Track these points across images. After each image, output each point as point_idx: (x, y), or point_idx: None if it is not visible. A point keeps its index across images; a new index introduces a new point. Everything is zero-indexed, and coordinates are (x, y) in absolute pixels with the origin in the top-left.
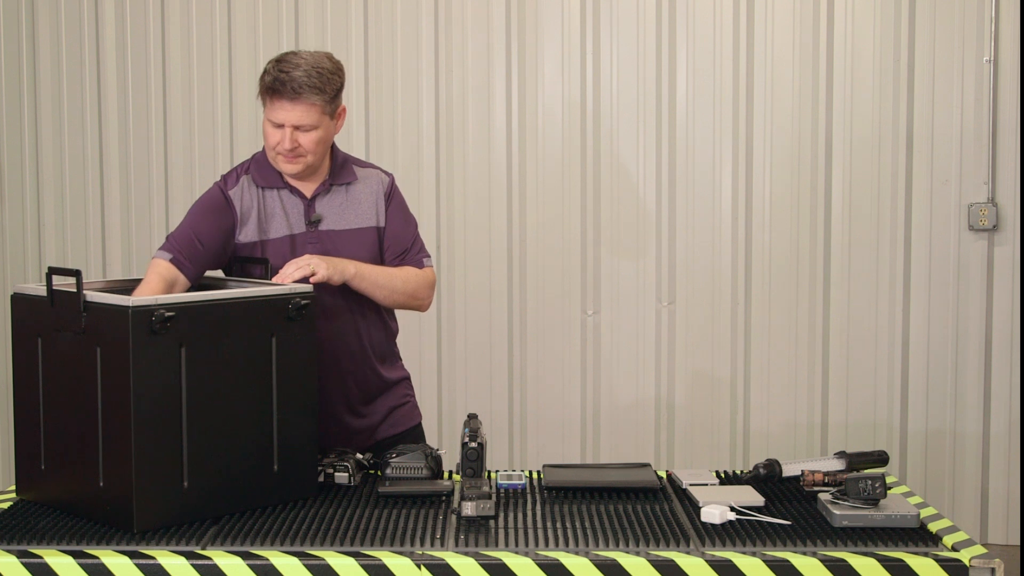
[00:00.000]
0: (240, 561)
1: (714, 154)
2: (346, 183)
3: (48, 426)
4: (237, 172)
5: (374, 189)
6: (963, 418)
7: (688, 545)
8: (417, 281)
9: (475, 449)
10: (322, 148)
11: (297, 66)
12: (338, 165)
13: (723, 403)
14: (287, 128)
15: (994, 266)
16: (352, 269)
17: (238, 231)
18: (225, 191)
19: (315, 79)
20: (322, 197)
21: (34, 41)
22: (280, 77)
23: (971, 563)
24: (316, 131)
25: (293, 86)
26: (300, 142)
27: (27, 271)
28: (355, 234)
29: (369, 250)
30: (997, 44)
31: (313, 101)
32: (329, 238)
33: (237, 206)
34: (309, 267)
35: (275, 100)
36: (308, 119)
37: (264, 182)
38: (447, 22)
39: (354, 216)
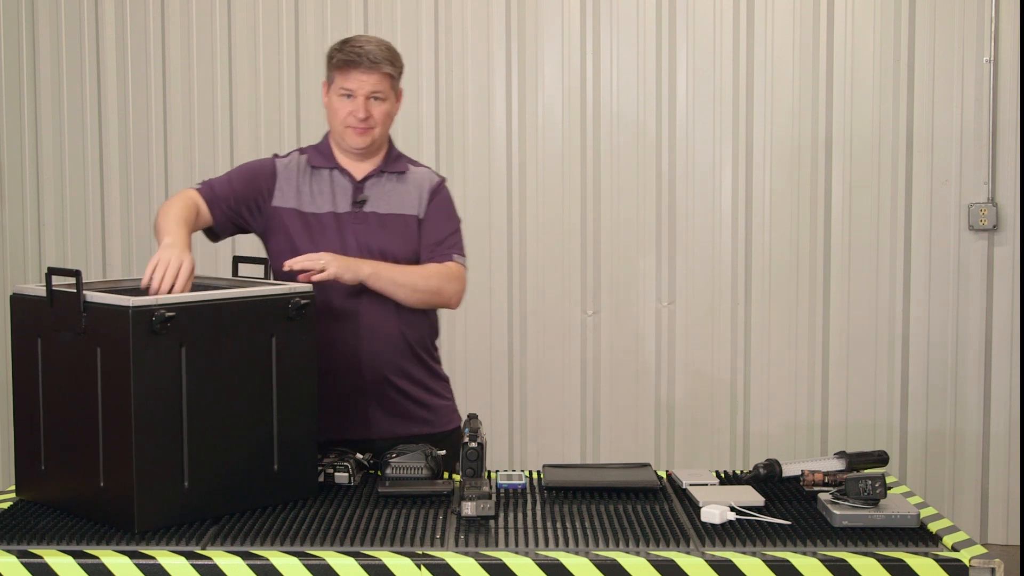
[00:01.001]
0: (240, 561)
1: (714, 154)
2: (397, 172)
3: (48, 426)
4: (294, 151)
5: (423, 184)
6: (963, 418)
7: (688, 545)
8: (440, 276)
9: (475, 449)
10: (388, 123)
11: (368, 41)
12: (393, 156)
13: (723, 403)
14: (360, 97)
15: (994, 266)
16: (367, 269)
17: (275, 194)
18: (274, 159)
19: (386, 53)
20: (373, 180)
21: (34, 41)
22: (355, 50)
23: (971, 563)
24: (385, 103)
25: (370, 57)
26: (372, 111)
27: (27, 271)
28: (397, 219)
29: (406, 238)
30: (997, 44)
31: (386, 71)
32: (372, 220)
33: (281, 173)
34: (319, 262)
35: (351, 71)
36: (382, 87)
37: (318, 162)
38: (447, 22)
39: (399, 203)
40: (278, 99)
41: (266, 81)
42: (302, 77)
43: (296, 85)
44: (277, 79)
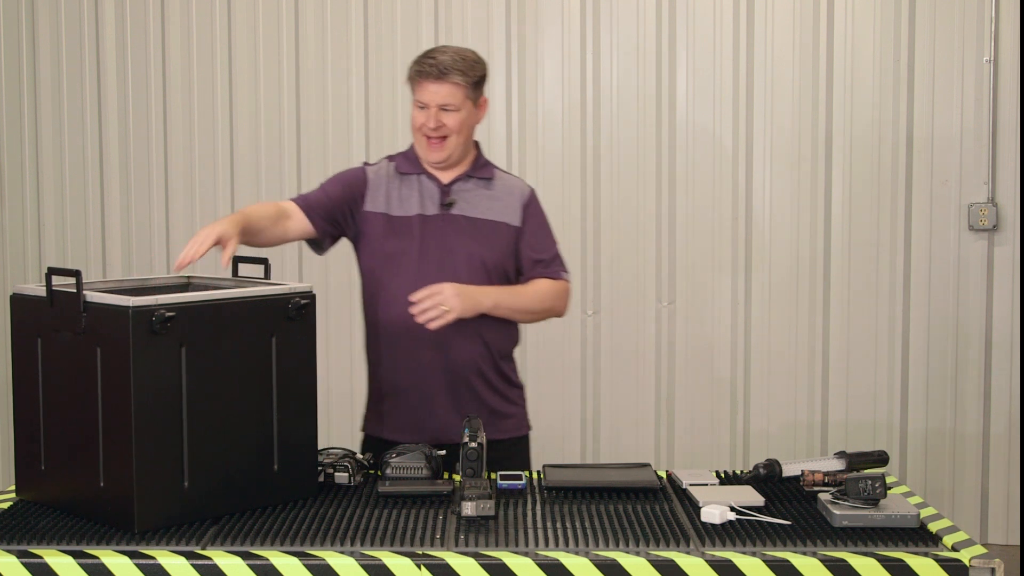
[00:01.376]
0: (240, 561)
1: (714, 154)
2: (485, 178)
3: (48, 426)
4: (382, 159)
5: (514, 192)
6: (963, 418)
7: (688, 545)
8: (554, 296)
9: (475, 449)
10: (465, 133)
11: (444, 52)
12: (480, 163)
13: (723, 403)
14: (432, 108)
15: (994, 266)
16: (488, 303)
17: (366, 200)
18: (365, 168)
19: (459, 63)
20: (460, 184)
21: (34, 41)
22: (428, 61)
23: (971, 563)
24: (459, 113)
25: (439, 67)
26: (444, 121)
27: (27, 271)
28: (490, 225)
29: (496, 244)
30: (997, 44)
31: (457, 82)
32: (461, 223)
33: (371, 180)
34: (441, 308)
35: (422, 82)
36: (452, 99)
37: (405, 168)
38: (447, 23)
39: (489, 208)
40: (278, 99)
41: (266, 81)
42: (302, 77)
43: (296, 85)
44: (277, 79)
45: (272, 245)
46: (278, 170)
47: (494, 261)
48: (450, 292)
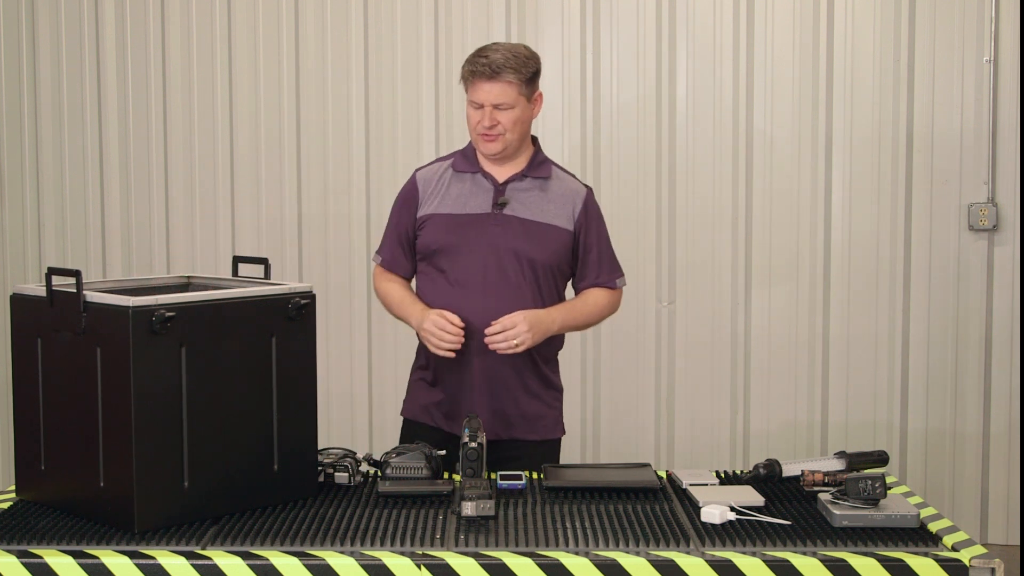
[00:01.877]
0: (240, 561)
1: (714, 154)
2: (541, 178)
3: (48, 426)
4: (438, 159)
5: (569, 194)
6: (963, 418)
7: (688, 545)
8: (610, 306)
9: (475, 449)
10: (520, 129)
11: (496, 50)
12: (537, 161)
13: (723, 403)
14: (487, 107)
15: (994, 266)
16: (555, 328)
17: (420, 206)
18: (415, 175)
19: (511, 60)
20: (515, 184)
21: (34, 41)
22: (480, 60)
23: (971, 563)
24: (513, 110)
25: (491, 66)
26: (498, 119)
27: (27, 271)
28: (544, 229)
29: (548, 246)
30: (997, 44)
31: (510, 80)
32: (514, 223)
33: (421, 187)
34: (515, 343)
35: (476, 82)
36: (505, 97)
37: (462, 167)
38: (447, 23)
39: (543, 211)
40: (278, 99)
41: (266, 81)
42: (302, 77)
43: (296, 85)
44: (277, 79)
45: None
46: (278, 170)
47: (544, 263)
48: (523, 327)
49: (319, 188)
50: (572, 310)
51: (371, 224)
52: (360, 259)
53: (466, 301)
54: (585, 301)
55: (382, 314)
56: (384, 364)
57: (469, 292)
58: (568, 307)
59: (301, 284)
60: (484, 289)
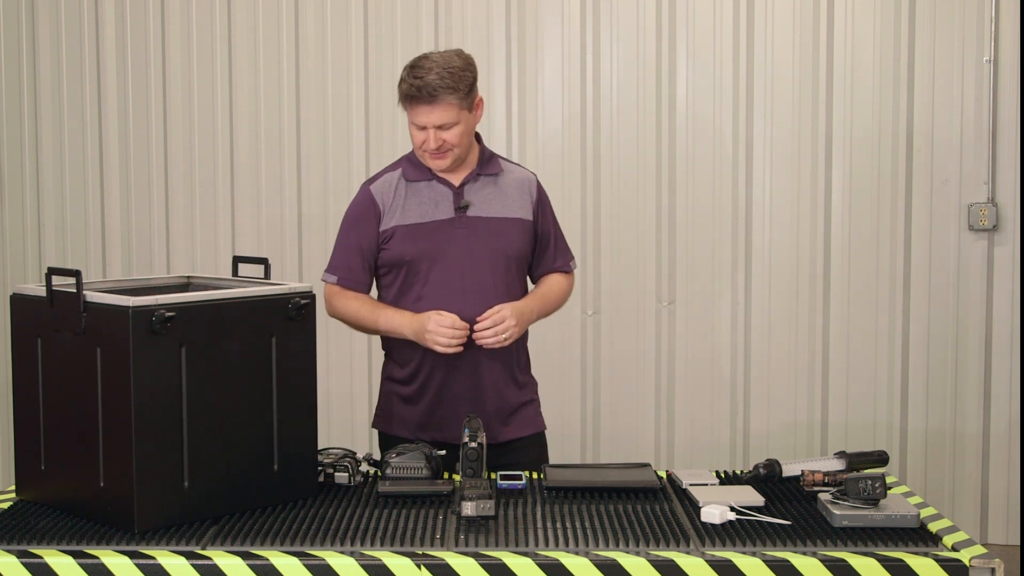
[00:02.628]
0: (240, 561)
1: (714, 154)
2: (493, 174)
3: (48, 426)
4: (384, 171)
5: (523, 184)
6: (963, 418)
7: (688, 545)
8: (570, 289)
9: (475, 449)
10: (466, 140)
11: (429, 70)
12: (486, 158)
13: (723, 403)
14: (430, 129)
15: (994, 266)
16: (534, 317)
17: (382, 220)
18: (368, 188)
19: (447, 80)
20: (470, 185)
21: (34, 41)
22: (415, 84)
23: (971, 563)
24: (457, 127)
25: (428, 90)
26: (444, 139)
27: (27, 271)
28: (507, 223)
29: (514, 240)
30: (997, 44)
31: (449, 101)
32: (478, 224)
33: (379, 199)
34: (504, 336)
35: (415, 105)
36: (447, 118)
37: (413, 176)
38: (447, 23)
39: (502, 205)
40: (278, 99)
41: (266, 81)
42: (302, 77)
43: (296, 85)
44: (277, 79)
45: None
46: (278, 170)
47: (514, 256)
48: (511, 320)
49: (319, 188)
50: (544, 298)
51: None
52: None
53: (445, 308)
54: (551, 288)
55: None
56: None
57: (449, 298)
58: (539, 296)
59: (301, 284)
60: (462, 294)
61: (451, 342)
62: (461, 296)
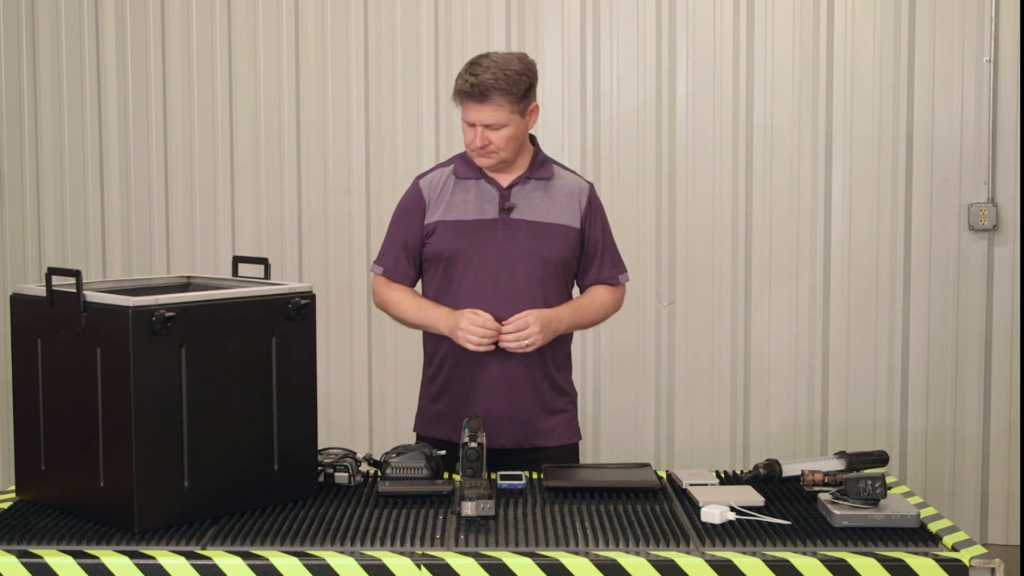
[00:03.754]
0: (240, 561)
1: (714, 154)
2: (544, 179)
3: (48, 426)
4: (437, 166)
5: (573, 191)
6: (963, 418)
7: (688, 545)
8: (615, 304)
9: (475, 449)
10: (513, 144)
11: (487, 69)
12: (538, 162)
13: (723, 403)
14: (478, 127)
15: (994, 266)
16: (563, 328)
17: (427, 213)
18: (418, 182)
19: (502, 81)
20: (519, 188)
21: (34, 41)
22: (470, 80)
23: (971, 563)
24: (505, 129)
25: (481, 89)
26: (490, 139)
27: (27, 271)
28: (552, 229)
29: (557, 246)
30: (997, 44)
31: (500, 103)
32: (522, 227)
33: (426, 194)
34: (526, 343)
35: (466, 102)
36: (496, 118)
37: (464, 173)
38: (447, 23)
39: (549, 211)
40: (278, 99)
41: (266, 81)
42: (302, 77)
43: (296, 85)
44: (277, 79)
45: None
46: (278, 170)
47: (554, 263)
48: (535, 327)
49: (319, 188)
50: (579, 309)
51: (371, 224)
52: (360, 259)
53: (479, 308)
54: (592, 300)
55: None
56: (384, 364)
57: (482, 299)
58: (575, 306)
59: (301, 284)
60: (496, 294)
61: (482, 341)
62: (493, 297)
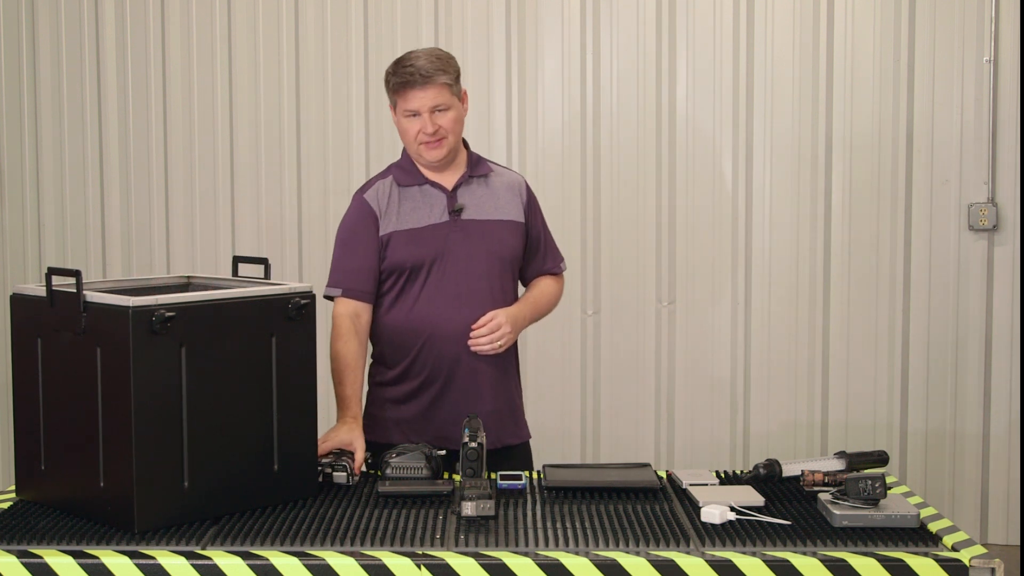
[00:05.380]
0: (240, 561)
1: (714, 154)
2: (483, 175)
3: (48, 426)
4: (372, 180)
5: (513, 186)
6: (963, 418)
7: (688, 545)
8: (560, 292)
9: (475, 449)
10: (459, 129)
11: (418, 57)
12: (474, 160)
13: (723, 403)
14: (424, 114)
15: (994, 266)
16: (526, 322)
17: (380, 225)
18: (362, 196)
19: (436, 63)
20: (463, 188)
21: (34, 41)
22: (406, 70)
23: (971, 563)
24: (451, 111)
25: (421, 72)
26: (440, 123)
27: (27, 271)
28: (500, 225)
29: (508, 242)
30: (997, 44)
31: (443, 82)
32: (472, 227)
33: (375, 206)
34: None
35: (408, 91)
36: (442, 99)
37: (405, 181)
38: (447, 23)
39: (494, 208)
40: (278, 99)
41: (266, 81)
42: (302, 77)
43: (296, 85)
44: (277, 79)
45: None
46: (278, 170)
47: (508, 259)
48: (507, 327)
49: (319, 188)
50: (536, 303)
51: None
52: None
53: (444, 312)
54: (542, 292)
55: None
56: None
57: (445, 303)
58: (531, 300)
59: (301, 284)
60: (459, 297)
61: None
62: (456, 300)
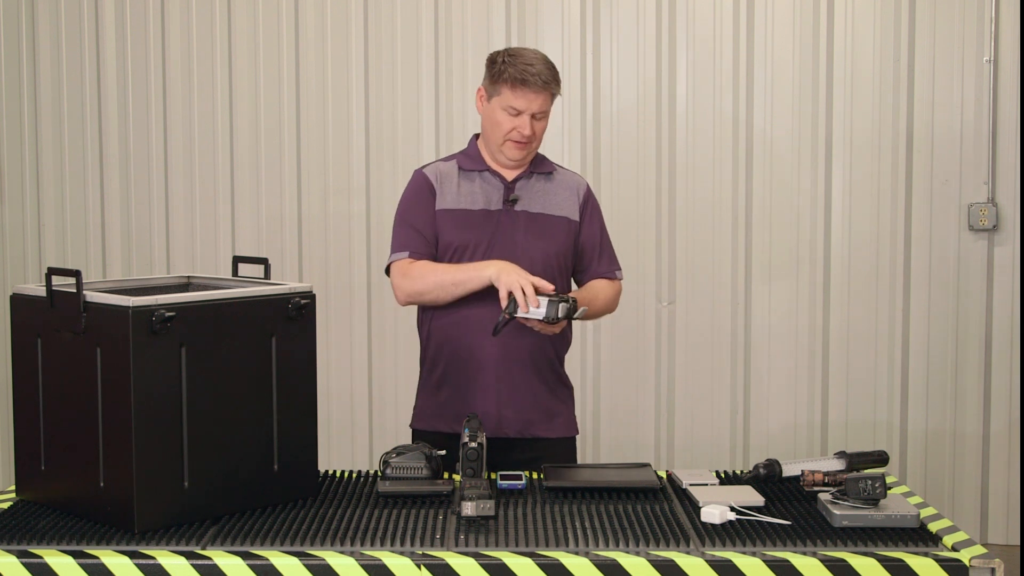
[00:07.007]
0: (240, 561)
1: (714, 154)
2: (545, 173)
3: (48, 426)
4: (436, 161)
5: (572, 186)
6: (963, 418)
7: (688, 545)
8: (614, 296)
9: (475, 449)
10: (543, 137)
11: (536, 60)
12: (539, 158)
13: (723, 403)
14: (526, 115)
15: (994, 266)
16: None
17: (436, 199)
18: (423, 171)
19: (553, 72)
20: (523, 182)
21: (34, 41)
22: (528, 69)
23: (971, 563)
24: (545, 119)
25: (543, 77)
26: (535, 129)
27: (27, 271)
28: (552, 220)
29: (556, 238)
30: (997, 44)
31: (553, 91)
32: (524, 218)
33: (435, 179)
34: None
35: (522, 90)
36: (545, 107)
37: (469, 166)
38: (447, 23)
39: (551, 204)
40: (278, 99)
41: (266, 81)
42: (302, 77)
43: (296, 85)
44: (277, 79)
45: None
46: (278, 170)
47: (555, 254)
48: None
49: (319, 188)
50: (592, 300)
51: (371, 224)
52: (360, 259)
53: (485, 298)
54: (597, 292)
55: (382, 314)
56: (384, 364)
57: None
58: (588, 296)
59: (301, 284)
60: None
61: (528, 289)
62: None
